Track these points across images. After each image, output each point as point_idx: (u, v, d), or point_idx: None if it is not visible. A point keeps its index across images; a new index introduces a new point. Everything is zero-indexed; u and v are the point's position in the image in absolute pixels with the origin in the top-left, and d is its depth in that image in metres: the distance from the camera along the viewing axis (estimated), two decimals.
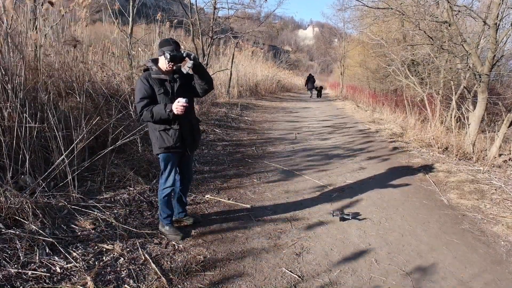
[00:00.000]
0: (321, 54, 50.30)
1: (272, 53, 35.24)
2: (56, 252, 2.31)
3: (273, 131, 7.94)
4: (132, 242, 2.59)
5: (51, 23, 4.13)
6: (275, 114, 11.27)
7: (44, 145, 3.24)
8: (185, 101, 2.41)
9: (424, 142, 6.76)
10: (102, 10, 6.91)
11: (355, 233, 3.02)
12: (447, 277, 2.41)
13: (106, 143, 3.43)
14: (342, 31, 24.51)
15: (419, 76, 9.86)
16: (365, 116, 11.33)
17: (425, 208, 3.64)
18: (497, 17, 5.91)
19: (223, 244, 2.72)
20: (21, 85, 3.14)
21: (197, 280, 2.25)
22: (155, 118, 2.48)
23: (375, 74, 15.95)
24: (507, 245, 2.90)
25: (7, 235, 2.30)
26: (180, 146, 2.63)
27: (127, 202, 3.22)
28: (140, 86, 2.52)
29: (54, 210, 2.71)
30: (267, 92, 18.14)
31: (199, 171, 4.47)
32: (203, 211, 3.33)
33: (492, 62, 6.02)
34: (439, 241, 2.93)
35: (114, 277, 2.18)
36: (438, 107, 7.70)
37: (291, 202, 3.68)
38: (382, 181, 4.49)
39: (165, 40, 2.58)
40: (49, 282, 2.04)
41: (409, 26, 9.06)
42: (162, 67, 2.57)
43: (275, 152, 5.84)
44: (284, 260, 2.54)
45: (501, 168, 5.05)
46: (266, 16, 14.20)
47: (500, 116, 7.12)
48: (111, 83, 5.34)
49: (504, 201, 3.78)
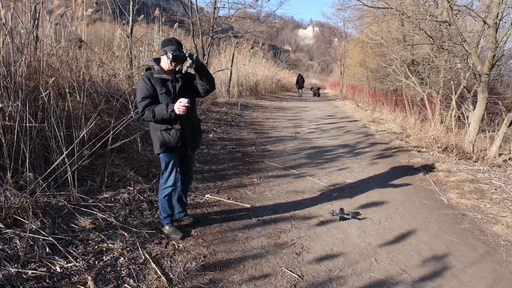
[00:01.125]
0: (321, 53, 50.33)
1: (272, 52, 35.29)
2: (56, 251, 2.31)
3: (273, 131, 7.94)
4: (132, 242, 2.59)
5: (52, 22, 4.13)
6: (275, 113, 11.27)
7: (44, 145, 3.24)
8: (187, 101, 2.41)
9: (424, 142, 6.76)
10: (102, 9, 6.90)
11: (355, 232, 3.03)
12: (447, 276, 2.41)
13: (106, 143, 3.43)
14: (342, 31, 24.56)
15: (419, 75, 9.86)
16: (365, 115, 11.33)
17: (425, 208, 3.64)
18: (497, 17, 5.91)
19: (223, 244, 2.72)
20: (22, 85, 3.14)
21: (197, 280, 2.25)
22: (156, 117, 2.48)
23: (375, 73, 15.94)
24: (507, 245, 2.90)
25: (7, 235, 2.30)
26: (181, 146, 2.64)
27: (127, 202, 3.22)
28: (142, 85, 2.52)
29: (54, 210, 2.71)
30: (267, 91, 18.14)
31: (199, 171, 4.47)
32: (203, 210, 3.33)
33: (492, 62, 6.02)
34: (439, 240, 2.93)
35: (114, 277, 2.18)
36: (438, 106, 7.69)
37: (291, 201, 3.68)
38: (382, 180, 4.49)
39: (167, 40, 2.56)
40: (49, 281, 2.03)
41: (409, 26, 9.06)
42: (164, 66, 2.56)
43: (275, 152, 5.84)
44: (284, 260, 2.55)
45: (501, 168, 5.05)
46: (267, 16, 14.20)
47: (500, 116, 7.11)
48: (111, 83, 5.34)
49: (504, 201, 3.78)
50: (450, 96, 8.22)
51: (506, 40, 6.89)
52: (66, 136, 3.11)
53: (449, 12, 6.43)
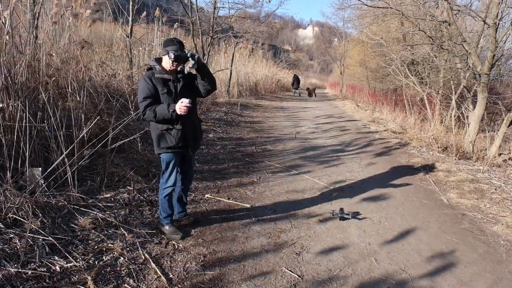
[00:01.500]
0: (321, 53, 50.33)
1: (272, 52, 35.26)
2: (56, 251, 2.31)
3: (273, 131, 7.94)
4: (132, 242, 2.59)
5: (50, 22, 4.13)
6: (275, 113, 11.26)
7: (44, 145, 3.24)
8: (189, 101, 2.41)
9: (424, 142, 6.77)
10: (103, 9, 6.90)
11: (355, 232, 3.03)
12: (447, 276, 2.42)
13: (106, 143, 3.43)
14: (341, 31, 24.53)
15: (419, 75, 9.87)
16: (365, 115, 11.33)
17: (425, 208, 3.64)
18: (497, 17, 5.91)
19: (223, 244, 2.72)
20: (22, 85, 3.13)
21: (197, 280, 2.25)
22: (158, 118, 2.48)
23: (375, 73, 15.94)
24: (507, 245, 2.90)
25: (7, 235, 2.30)
26: (182, 146, 2.64)
27: (127, 202, 3.22)
28: (143, 85, 2.52)
29: (54, 210, 2.71)
30: (267, 91, 18.13)
31: (199, 171, 4.47)
32: (203, 210, 3.33)
33: (492, 62, 6.02)
34: (439, 240, 2.93)
35: (114, 277, 2.18)
36: (438, 106, 7.70)
37: (291, 201, 3.68)
38: (382, 180, 4.49)
39: (169, 40, 2.57)
40: (49, 281, 2.03)
41: (408, 26, 9.06)
42: (165, 66, 2.56)
43: (275, 151, 5.84)
44: (284, 260, 2.55)
45: (501, 168, 5.05)
46: (267, 16, 14.20)
47: (500, 116, 7.12)
48: (111, 83, 5.34)
49: (504, 201, 3.78)
50: (450, 96, 8.23)
51: (506, 40, 6.92)
52: (66, 136, 3.11)
53: (449, 12, 6.43)
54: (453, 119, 7.44)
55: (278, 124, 9.06)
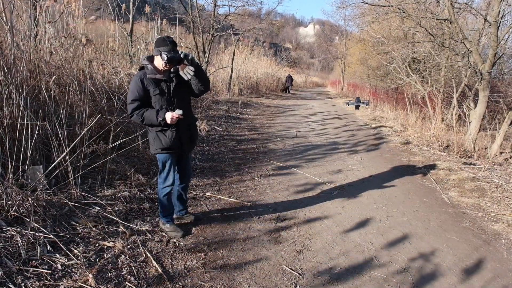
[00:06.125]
0: (322, 51, 50.25)
1: (273, 50, 35.18)
2: (57, 249, 2.32)
3: (274, 129, 7.94)
4: (133, 240, 2.60)
5: (50, 20, 4.12)
6: (275, 111, 11.26)
7: (45, 143, 3.24)
8: (181, 113, 2.42)
9: (425, 140, 6.76)
10: (102, 8, 6.90)
11: (355, 230, 3.03)
12: (448, 274, 2.42)
13: (107, 141, 3.43)
14: (343, 29, 24.48)
15: (420, 74, 9.84)
16: (366, 113, 11.32)
17: (426, 206, 3.64)
18: (498, 14, 5.89)
19: (224, 242, 2.73)
20: (23, 83, 3.13)
21: (198, 278, 2.25)
22: (145, 123, 2.48)
23: (376, 71, 15.92)
24: (507, 243, 2.90)
25: (9, 232, 2.30)
26: (177, 147, 2.62)
27: (128, 200, 3.23)
28: (133, 86, 2.47)
29: (55, 208, 2.71)
30: (267, 89, 18.12)
31: (199, 168, 4.47)
32: (203, 208, 3.34)
33: (493, 60, 6.00)
34: (440, 239, 2.93)
35: (115, 274, 2.19)
36: (439, 105, 7.68)
37: (292, 199, 3.68)
38: (383, 179, 4.49)
39: (161, 39, 2.47)
40: (50, 279, 2.04)
41: (410, 24, 9.03)
42: (158, 66, 2.50)
43: (276, 150, 5.84)
44: (285, 258, 2.55)
45: (502, 166, 5.05)
46: (267, 14, 14.17)
47: (501, 114, 7.10)
48: (112, 81, 5.34)
49: (505, 199, 3.78)
50: (451, 94, 8.21)
51: (508, 38, 6.89)
52: (67, 134, 3.11)
53: (450, 10, 6.41)
54: (454, 117, 7.43)
55: (279, 122, 9.06)
